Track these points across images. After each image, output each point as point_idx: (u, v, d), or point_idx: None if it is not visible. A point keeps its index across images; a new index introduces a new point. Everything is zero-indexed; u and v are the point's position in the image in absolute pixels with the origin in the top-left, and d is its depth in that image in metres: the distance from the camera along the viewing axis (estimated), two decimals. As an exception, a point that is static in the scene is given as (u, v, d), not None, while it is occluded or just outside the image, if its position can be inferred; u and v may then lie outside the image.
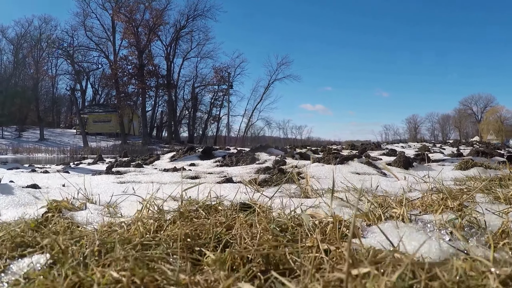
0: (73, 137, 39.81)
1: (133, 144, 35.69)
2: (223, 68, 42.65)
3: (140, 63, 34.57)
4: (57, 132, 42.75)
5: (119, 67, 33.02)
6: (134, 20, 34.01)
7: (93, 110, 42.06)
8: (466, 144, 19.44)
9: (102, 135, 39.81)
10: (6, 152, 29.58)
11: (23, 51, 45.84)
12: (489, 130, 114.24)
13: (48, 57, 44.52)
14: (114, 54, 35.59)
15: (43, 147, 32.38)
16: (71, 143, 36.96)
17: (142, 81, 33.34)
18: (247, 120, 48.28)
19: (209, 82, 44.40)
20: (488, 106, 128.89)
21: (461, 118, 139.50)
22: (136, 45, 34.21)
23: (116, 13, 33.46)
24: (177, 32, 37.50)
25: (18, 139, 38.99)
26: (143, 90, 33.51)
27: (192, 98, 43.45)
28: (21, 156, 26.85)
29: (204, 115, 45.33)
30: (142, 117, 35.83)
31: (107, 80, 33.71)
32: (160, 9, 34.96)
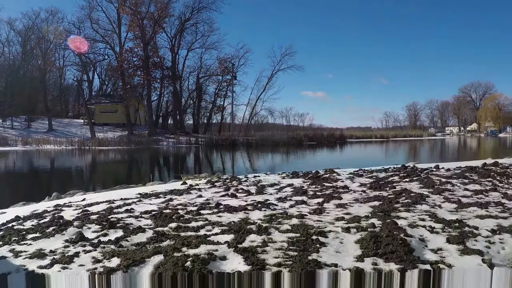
0: (80, 127, 40.49)
1: (139, 134, 36.15)
2: (227, 59, 42.70)
3: (146, 55, 34.70)
4: (65, 123, 43.50)
5: (124, 59, 33.22)
6: (139, 12, 33.99)
7: (100, 100, 42.59)
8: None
9: (109, 125, 40.40)
10: (16, 144, 30.37)
11: (31, 43, 46.43)
12: (487, 117, 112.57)
13: (55, 48, 45.01)
14: (120, 46, 35.78)
15: (51, 138, 33.11)
16: (78, 133, 37.67)
17: (148, 73, 33.54)
18: (250, 109, 48.29)
19: (213, 73, 44.44)
20: (487, 93, 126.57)
21: (460, 105, 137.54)
22: (141, 38, 34.26)
23: (122, 6, 33.50)
24: (182, 24, 37.44)
25: (28, 129, 39.85)
26: (148, 82, 33.75)
27: (196, 89, 43.63)
28: (31, 148, 27.55)
29: (208, 105, 45.61)
30: (148, 108, 36.19)
31: (113, 72, 34.00)
32: (165, 2, 34.83)
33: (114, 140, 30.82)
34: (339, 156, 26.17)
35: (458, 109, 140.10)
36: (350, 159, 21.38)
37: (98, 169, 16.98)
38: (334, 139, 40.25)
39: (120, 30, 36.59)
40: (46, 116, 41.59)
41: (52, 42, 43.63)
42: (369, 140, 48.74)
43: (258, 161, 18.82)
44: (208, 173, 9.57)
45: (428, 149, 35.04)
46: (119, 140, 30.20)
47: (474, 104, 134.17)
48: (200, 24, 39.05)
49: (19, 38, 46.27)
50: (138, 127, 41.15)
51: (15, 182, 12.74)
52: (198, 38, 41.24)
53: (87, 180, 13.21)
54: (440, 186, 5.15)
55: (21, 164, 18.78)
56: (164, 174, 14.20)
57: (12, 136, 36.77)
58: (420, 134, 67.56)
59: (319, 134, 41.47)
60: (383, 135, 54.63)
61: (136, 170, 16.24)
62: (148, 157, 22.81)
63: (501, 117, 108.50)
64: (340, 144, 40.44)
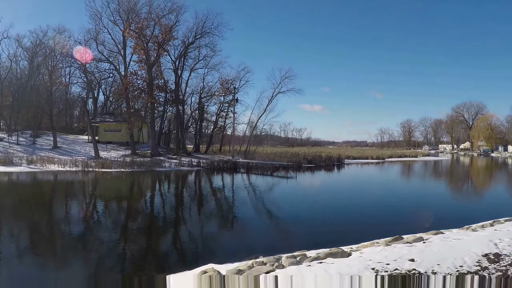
0: (85, 145, 41.36)
1: (143, 154, 37.07)
2: (228, 81, 44.21)
3: (150, 78, 35.81)
4: (70, 139, 44.38)
5: (129, 82, 34.27)
6: (144, 35, 35.16)
7: (104, 119, 43.62)
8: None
9: (112, 144, 41.33)
10: (21, 163, 31.07)
11: (38, 59, 47.52)
12: (479, 137, 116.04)
13: (62, 65, 46.20)
14: (125, 68, 36.93)
15: (56, 158, 33.87)
16: (83, 151, 38.53)
17: (151, 96, 34.58)
18: (250, 129, 49.65)
19: (215, 93, 45.84)
20: (479, 113, 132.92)
21: (453, 124, 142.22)
22: (145, 60, 35.41)
23: (127, 31, 34.73)
24: (185, 48, 38.77)
25: (33, 146, 40.65)
26: (152, 105, 34.76)
27: (198, 109, 44.87)
28: (36, 169, 28.32)
29: (209, 125, 47.00)
30: (151, 130, 37.13)
31: (119, 95, 34.97)
32: (170, 25, 36.09)
33: (117, 161, 31.63)
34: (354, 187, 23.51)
35: (451, 127, 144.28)
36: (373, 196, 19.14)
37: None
38: (331, 162, 41.34)
39: (125, 51, 37.82)
40: (51, 131, 42.44)
41: (58, 60, 44.82)
42: (366, 162, 49.84)
43: (280, 202, 16.99)
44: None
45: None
46: (122, 162, 31.02)
47: (467, 124, 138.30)
48: (202, 47, 40.71)
49: (26, 54, 47.54)
50: (140, 145, 42.15)
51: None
52: (201, 59, 42.80)
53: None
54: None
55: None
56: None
57: (17, 153, 37.58)
58: (415, 154, 68.89)
59: (318, 156, 42.57)
60: (379, 156, 55.78)
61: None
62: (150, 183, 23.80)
63: (493, 137, 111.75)
64: (337, 166, 41.61)
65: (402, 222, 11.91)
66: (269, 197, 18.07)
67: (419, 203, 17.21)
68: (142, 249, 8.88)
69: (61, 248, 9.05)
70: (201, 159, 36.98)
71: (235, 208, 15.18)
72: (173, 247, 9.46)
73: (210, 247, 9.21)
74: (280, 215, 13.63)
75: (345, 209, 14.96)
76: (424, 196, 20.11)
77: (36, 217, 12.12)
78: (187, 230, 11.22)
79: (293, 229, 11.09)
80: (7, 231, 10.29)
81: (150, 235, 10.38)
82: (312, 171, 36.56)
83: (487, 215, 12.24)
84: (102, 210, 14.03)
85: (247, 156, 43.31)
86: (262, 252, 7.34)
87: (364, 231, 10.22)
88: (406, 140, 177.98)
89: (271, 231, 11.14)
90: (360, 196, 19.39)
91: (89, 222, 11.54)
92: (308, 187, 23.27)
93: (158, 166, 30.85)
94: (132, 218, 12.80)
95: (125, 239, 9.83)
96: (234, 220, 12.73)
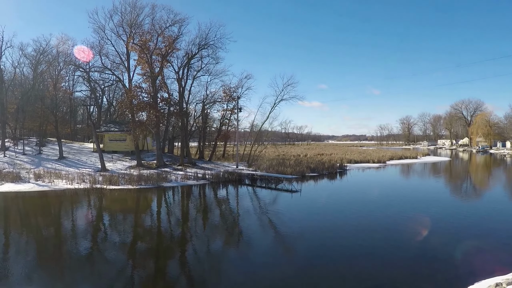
0: (90, 155, 41.79)
1: (148, 166, 37.56)
2: (231, 88, 44.63)
3: (154, 90, 36.08)
4: (75, 149, 44.81)
5: (134, 95, 34.54)
6: (147, 48, 35.30)
7: (109, 128, 43.98)
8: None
9: (117, 153, 41.77)
10: (28, 178, 31.45)
11: (42, 66, 47.68)
12: (478, 133, 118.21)
13: (66, 73, 46.43)
14: (129, 80, 37.14)
15: (63, 172, 34.39)
16: (89, 162, 38.98)
17: (156, 109, 34.89)
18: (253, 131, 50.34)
19: (218, 99, 46.30)
20: (477, 110, 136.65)
21: (452, 121, 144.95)
22: (149, 73, 35.62)
23: (130, 44, 34.89)
24: (188, 60, 38.95)
25: (39, 156, 41.09)
26: (157, 119, 35.10)
27: (202, 117, 45.27)
28: (44, 188, 28.58)
29: (213, 132, 47.61)
30: (157, 142, 37.49)
31: (123, 108, 35.22)
32: (173, 37, 36.20)
33: (124, 176, 32.07)
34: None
35: (450, 124, 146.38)
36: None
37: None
38: (334, 169, 41.91)
39: (129, 63, 37.97)
40: (56, 137, 42.80)
41: (62, 68, 45.01)
42: (367, 166, 50.40)
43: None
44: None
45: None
46: (129, 177, 31.47)
47: (465, 120, 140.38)
48: (205, 58, 41.02)
49: (30, 63, 47.67)
50: (146, 154, 42.62)
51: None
52: (203, 66, 43.06)
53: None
54: None
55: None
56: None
57: (24, 164, 38.05)
58: (414, 154, 69.40)
59: (320, 163, 43.13)
60: (380, 158, 56.36)
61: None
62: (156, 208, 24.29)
63: (492, 133, 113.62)
64: (340, 173, 42.20)
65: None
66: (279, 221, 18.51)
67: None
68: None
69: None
70: (206, 169, 37.48)
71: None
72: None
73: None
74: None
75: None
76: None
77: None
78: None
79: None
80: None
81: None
82: (316, 180, 37.19)
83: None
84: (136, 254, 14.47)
85: (251, 162, 43.85)
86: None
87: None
88: (405, 136, 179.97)
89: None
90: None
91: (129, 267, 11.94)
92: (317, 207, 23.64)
93: (164, 181, 31.28)
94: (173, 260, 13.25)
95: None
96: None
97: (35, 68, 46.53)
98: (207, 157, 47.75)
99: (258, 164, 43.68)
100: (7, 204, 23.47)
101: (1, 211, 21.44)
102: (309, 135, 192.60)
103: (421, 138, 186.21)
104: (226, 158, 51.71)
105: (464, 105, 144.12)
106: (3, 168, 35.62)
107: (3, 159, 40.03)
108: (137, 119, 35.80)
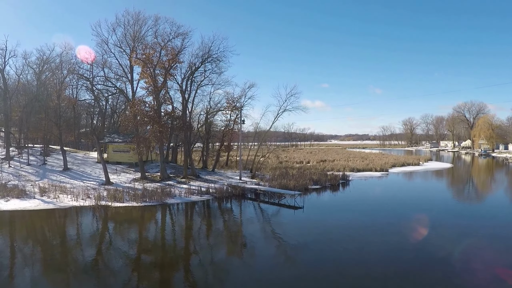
0: (94, 166, 42.01)
1: (152, 178, 37.76)
2: (234, 99, 44.77)
3: (158, 104, 36.18)
4: (79, 159, 45.04)
5: (137, 111, 34.62)
6: (151, 62, 35.35)
7: (113, 139, 44.17)
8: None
9: (121, 165, 42.00)
10: (34, 194, 31.67)
11: (45, 73, 47.84)
12: (480, 136, 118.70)
13: (69, 81, 46.58)
14: (132, 93, 37.27)
15: (68, 185, 34.67)
16: (93, 175, 39.21)
17: (160, 124, 35.00)
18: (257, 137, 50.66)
19: (221, 108, 46.52)
20: (480, 113, 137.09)
21: (454, 123, 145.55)
22: (153, 86, 35.69)
23: (133, 58, 34.98)
24: (192, 72, 39.04)
25: (43, 167, 41.34)
26: (161, 134, 35.23)
27: (206, 127, 45.46)
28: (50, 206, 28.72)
29: (217, 133, 48.21)
30: (160, 155, 37.65)
31: (127, 122, 35.32)
32: (176, 50, 36.23)
33: (128, 191, 32.31)
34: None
35: (452, 125, 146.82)
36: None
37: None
38: (336, 181, 42.04)
39: (132, 76, 38.11)
40: (60, 149, 43.07)
41: (66, 77, 45.11)
42: (370, 176, 50.50)
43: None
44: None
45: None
46: (134, 192, 31.70)
47: (468, 123, 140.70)
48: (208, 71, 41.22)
49: (34, 73, 47.84)
50: (149, 165, 42.84)
51: None
52: (207, 76, 43.17)
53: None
54: None
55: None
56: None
57: (28, 176, 38.34)
58: (416, 161, 69.36)
59: (323, 175, 43.31)
60: (382, 166, 56.44)
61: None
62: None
63: (494, 136, 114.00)
64: (342, 184, 42.34)
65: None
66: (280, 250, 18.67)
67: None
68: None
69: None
70: (210, 182, 37.67)
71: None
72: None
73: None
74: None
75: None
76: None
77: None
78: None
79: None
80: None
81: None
82: (319, 192, 37.41)
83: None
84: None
85: (254, 172, 44.05)
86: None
87: None
88: (408, 138, 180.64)
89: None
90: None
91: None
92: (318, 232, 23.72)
93: (168, 197, 31.45)
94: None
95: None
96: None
97: (39, 77, 46.69)
98: (210, 165, 48.00)
99: (261, 175, 43.87)
100: (14, 227, 23.71)
101: (10, 236, 21.68)
102: (311, 135, 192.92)
103: (424, 138, 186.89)
104: (229, 166, 51.93)
105: (466, 108, 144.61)
106: (8, 180, 35.94)
107: (8, 169, 40.34)
108: (141, 138, 35.84)
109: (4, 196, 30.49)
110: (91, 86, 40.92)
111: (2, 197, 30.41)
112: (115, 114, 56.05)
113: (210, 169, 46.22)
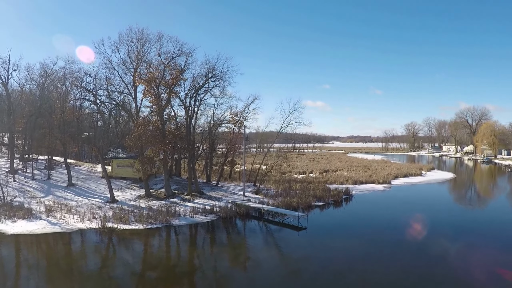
0: (99, 182, 42.20)
1: (157, 195, 37.92)
2: (238, 113, 45.04)
3: (162, 122, 36.29)
4: (83, 173, 45.25)
5: (142, 131, 34.68)
6: (155, 80, 35.43)
7: (117, 154, 44.36)
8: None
9: (126, 180, 42.19)
10: (40, 214, 31.81)
11: (49, 87, 48.00)
12: (483, 141, 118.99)
13: (73, 95, 46.74)
14: (136, 111, 37.43)
15: (73, 202, 34.89)
16: (98, 191, 39.42)
17: (164, 144, 35.11)
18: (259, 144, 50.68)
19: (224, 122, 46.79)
20: (483, 118, 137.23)
21: (457, 128, 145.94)
22: (157, 105, 35.80)
23: (137, 78, 35.12)
24: (196, 90, 39.23)
25: (48, 182, 41.53)
26: (165, 153, 35.36)
27: (209, 141, 45.65)
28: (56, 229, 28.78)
29: (220, 158, 48.33)
30: (165, 173, 37.81)
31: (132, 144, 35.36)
32: (180, 69, 36.34)
33: (134, 211, 32.50)
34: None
35: (455, 130, 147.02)
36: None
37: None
38: (339, 198, 42.19)
39: (136, 94, 38.27)
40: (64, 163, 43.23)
41: (69, 90, 45.30)
42: (372, 189, 50.57)
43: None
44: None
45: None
46: (139, 212, 31.91)
47: (470, 129, 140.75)
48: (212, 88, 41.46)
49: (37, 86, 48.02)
50: (154, 180, 43.00)
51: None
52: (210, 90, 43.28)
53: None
54: None
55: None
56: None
57: (33, 191, 38.53)
58: (419, 171, 69.35)
59: (327, 191, 43.54)
60: (385, 178, 56.54)
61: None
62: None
63: (496, 142, 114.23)
64: (345, 199, 42.49)
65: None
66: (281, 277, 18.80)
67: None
68: None
69: None
70: (214, 199, 37.83)
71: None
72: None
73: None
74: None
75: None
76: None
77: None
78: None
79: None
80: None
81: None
82: (322, 209, 37.66)
83: None
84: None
85: (259, 187, 44.22)
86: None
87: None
88: (410, 142, 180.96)
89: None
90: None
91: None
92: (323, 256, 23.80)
93: (173, 217, 31.61)
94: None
95: None
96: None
97: (42, 90, 46.89)
98: (214, 178, 48.15)
99: (265, 190, 44.04)
100: (22, 257, 23.89)
101: (19, 267, 21.84)
102: (314, 136, 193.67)
103: (426, 140, 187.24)
104: (233, 179, 52.15)
105: (469, 113, 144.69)
106: (14, 197, 36.11)
107: (13, 184, 40.54)
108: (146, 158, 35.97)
109: (10, 217, 30.68)
110: (95, 98, 41.06)
111: (9, 217, 30.61)
112: (118, 127, 56.24)
113: (214, 183, 46.39)
